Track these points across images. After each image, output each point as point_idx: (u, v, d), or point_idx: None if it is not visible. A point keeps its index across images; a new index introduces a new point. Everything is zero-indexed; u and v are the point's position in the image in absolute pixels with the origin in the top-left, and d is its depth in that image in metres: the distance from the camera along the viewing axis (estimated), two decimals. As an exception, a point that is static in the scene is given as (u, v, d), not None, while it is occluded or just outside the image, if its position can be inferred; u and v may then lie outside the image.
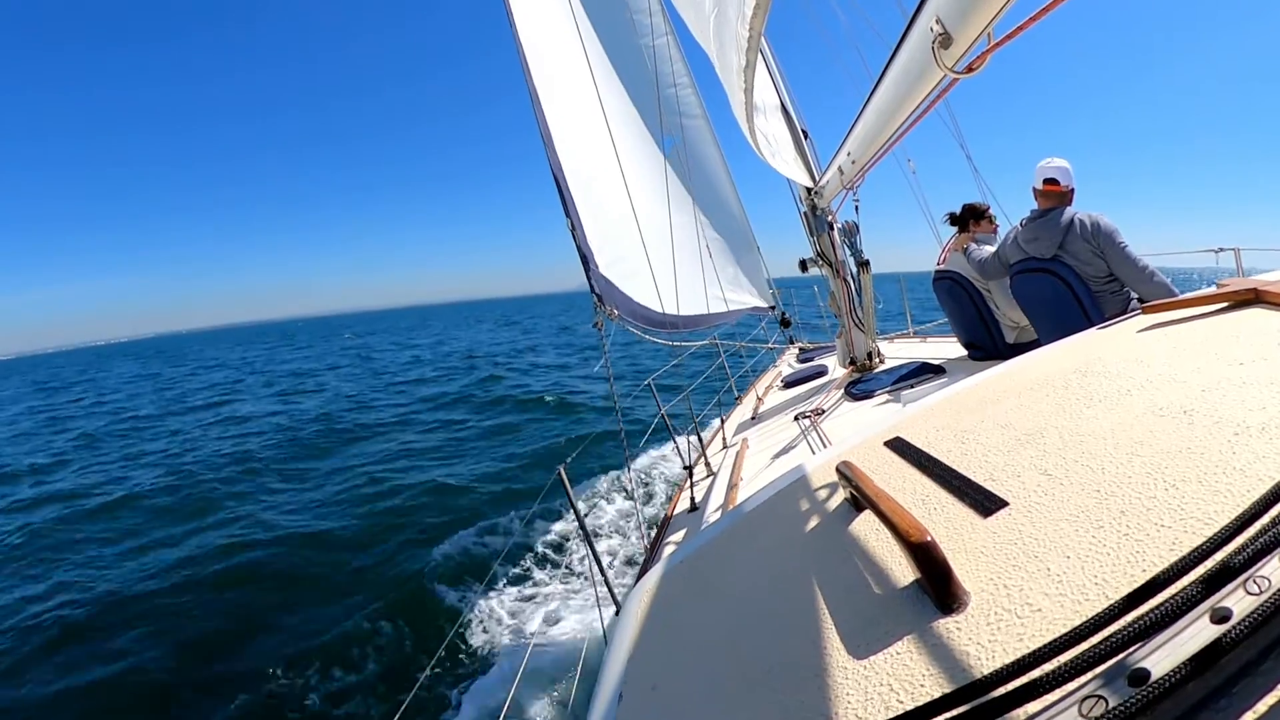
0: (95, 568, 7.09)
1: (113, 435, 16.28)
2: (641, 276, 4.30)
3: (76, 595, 6.35)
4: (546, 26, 4.28)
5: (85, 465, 12.80)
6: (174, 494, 9.65)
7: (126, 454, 13.45)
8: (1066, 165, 2.84)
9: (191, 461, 11.71)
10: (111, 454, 13.75)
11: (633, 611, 1.10)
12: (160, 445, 13.96)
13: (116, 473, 11.70)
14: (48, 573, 7.09)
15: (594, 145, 4.32)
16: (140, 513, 8.97)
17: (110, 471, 11.89)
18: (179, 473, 10.90)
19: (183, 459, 12.04)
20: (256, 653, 5.01)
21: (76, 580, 6.77)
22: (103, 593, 6.34)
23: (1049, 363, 1.31)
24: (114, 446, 14.63)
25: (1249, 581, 0.55)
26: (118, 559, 7.30)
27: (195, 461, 11.66)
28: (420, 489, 8.53)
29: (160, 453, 13.08)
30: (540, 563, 5.94)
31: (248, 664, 4.88)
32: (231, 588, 6.17)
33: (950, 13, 1.33)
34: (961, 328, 3.73)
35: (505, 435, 11.41)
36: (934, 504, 0.93)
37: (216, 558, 6.86)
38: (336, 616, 5.41)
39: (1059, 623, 0.62)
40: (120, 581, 6.58)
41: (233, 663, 4.93)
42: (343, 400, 17.80)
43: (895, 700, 0.63)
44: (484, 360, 24.34)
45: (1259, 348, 0.99)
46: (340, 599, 5.73)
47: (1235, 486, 0.69)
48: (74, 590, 6.50)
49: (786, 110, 4.28)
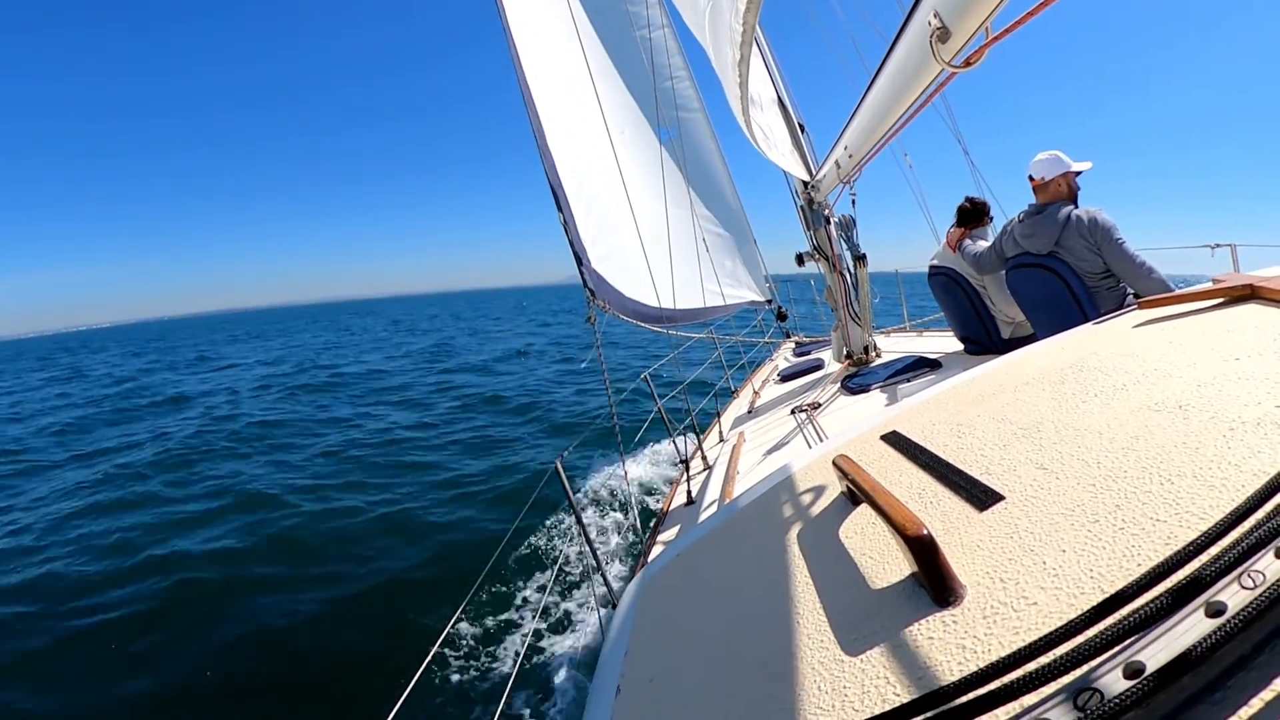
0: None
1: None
2: (637, 271, 4.29)
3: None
4: (539, 18, 4.25)
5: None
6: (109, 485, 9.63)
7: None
8: (1048, 157, 2.81)
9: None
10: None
11: (629, 606, 1.10)
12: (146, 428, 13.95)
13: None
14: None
15: (589, 139, 4.29)
16: (147, 510, 8.95)
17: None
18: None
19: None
20: (245, 649, 5.01)
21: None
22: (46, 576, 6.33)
23: (1045, 357, 1.31)
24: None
25: (1243, 576, 0.55)
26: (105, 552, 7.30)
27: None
28: (410, 482, 8.52)
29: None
30: (536, 557, 5.94)
31: (238, 661, 4.88)
32: (203, 578, 6.17)
33: (948, 7, 1.33)
34: (957, 322, 3.73)
35: (498, 428, 11.41)
36: (930, 498, 0.93)
37: (164, 556, 6.85)
38: (327, 612, 5.40)
39: (1055, 616, 0.62)
40: (91, 567, 6.57)
41: (222, 658, 4.93)
42: (320, 372, 17.64)
43: (892, 693, 0.64)
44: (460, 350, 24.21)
45: (1254, 343, 1.00)
46: (330, 594, 5.72)
47: (1230, 481, 0.69)
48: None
49: (783, 103, 4.26)
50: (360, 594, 5.66)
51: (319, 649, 4.91)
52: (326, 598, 5.75)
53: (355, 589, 5.84)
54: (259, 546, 6.95)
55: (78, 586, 6.26)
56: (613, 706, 0.88)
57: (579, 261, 3.92)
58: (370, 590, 5.71)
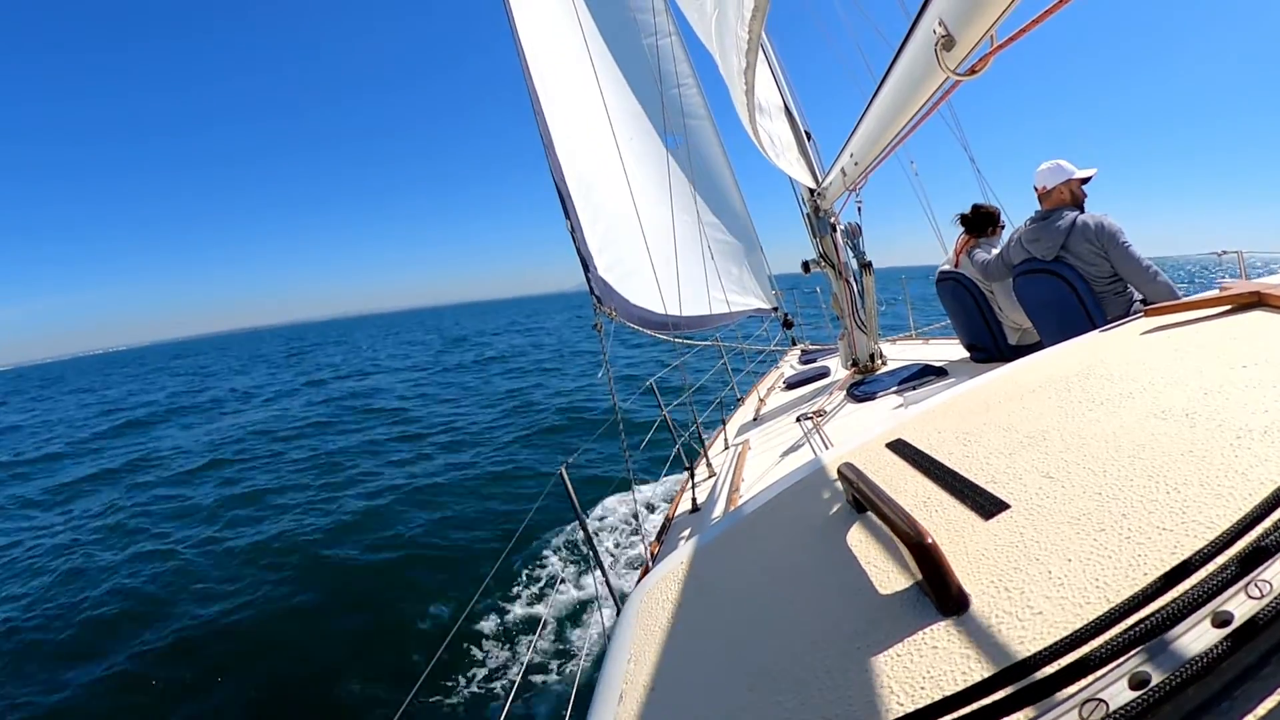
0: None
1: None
2: (643, 278, 4.30)
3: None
4: (547, 26, 4.28)
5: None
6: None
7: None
8: (1050, 166, 2.82)
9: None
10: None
11: (634, 612, 1.10)
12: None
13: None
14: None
15: (596, 146, 4.31)
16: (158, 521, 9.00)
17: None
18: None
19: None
20: (248, 652, 5.02)
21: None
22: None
23: (1051, 365, 1.30)
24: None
25: (1250, 585, 0.55)
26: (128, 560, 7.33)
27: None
28: (416, 489, 8.54)
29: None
30: (541, 564, 5.94)
31: (238, 662, 4.89)
32: (221, 583, 6.19)
33: (953, 15, 1.33)
34: (964, 329, 3.72)
35: (505, 434, 11.42)
36: (935, 506, 0.93)
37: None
38: (333, 618, 5.41)
39: (1060, 626, 0.61)
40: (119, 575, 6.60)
41: (223, 659, 4.94)
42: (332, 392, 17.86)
43: (896, 702, 0.63)
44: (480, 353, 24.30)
45: (1262, 351, 0.99)
46: (336, 599, 5.73)
47: (1237, 490, 0.68)
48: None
49: (789, 111, 4.27)
50: (361, 600, 5.67)
51: (322, 653, 4.92)
52: (322, 598, 5.77)
53: (353, 591, 5.85)
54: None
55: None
56: (616, 713, 0.88)
57: (586, 268, 3.93)
58: (370, 596, 5.73)
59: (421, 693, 4.03)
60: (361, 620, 5.28)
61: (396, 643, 4.98)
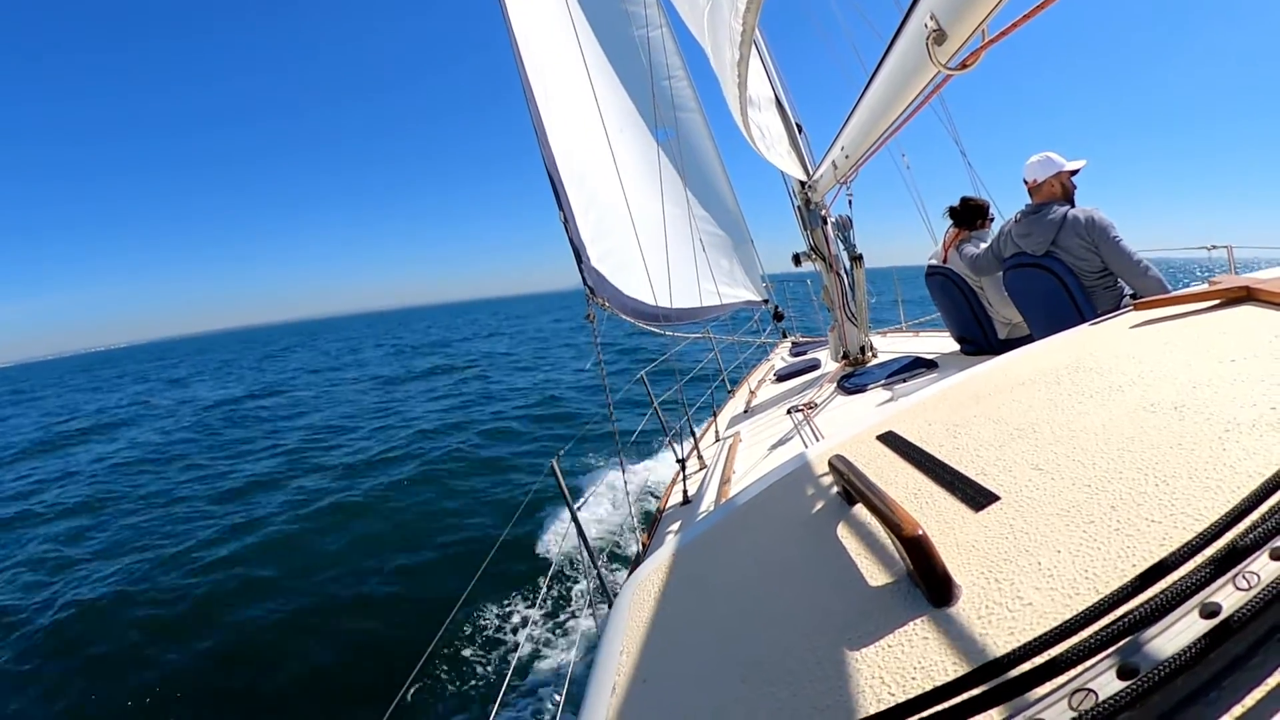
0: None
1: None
2: (634, 269, 4.29)
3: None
4: (540, 18, 4.24)
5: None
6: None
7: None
8: (1039, 159, 2.83)
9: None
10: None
11: (625, 605, 1.10)
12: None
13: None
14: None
15: (588, 138, 4.29)
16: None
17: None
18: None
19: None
20: (240, 650, 5.00)
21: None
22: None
23: (1041, 358, 1.31)
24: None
25: (1238, 577, 0.55)
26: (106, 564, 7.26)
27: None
28: (405, 484, 8.51)
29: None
30: (532, 557, 5.94)
31: (229, 663, 4.86)
32: (211, 587, 6.14)
33: (944, 9, 1.33)
34: (954, 323, 3.74)
35: (494, 429, 11.39)
36: (926, 498, 0.93)
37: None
38: (324, 615, 5.39)
39: (1050, 616, 0.62)
40: (102, 585, 6.55)
41: (215, 661, 4.91)
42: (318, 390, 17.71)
43: (886, 693, 0.64)
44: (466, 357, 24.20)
45: (1250, 345, 1.00)
46: (328, 597, 5.71)
47: (1226, 482, 0.69)
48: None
49: (781, 104, 4.26)
50: (350, 598, 5.65)
51: (315, 651, 4.90)
52: (323, 598, 5.74)
53: (344, 589, 5.83)
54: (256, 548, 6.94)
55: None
56: (608, 706, 0.88)
57: (578, 258, 3.91)
58: (359, 593, 5.71)
59: (413, 689, 4.03)
60: (347, 619, 5.27)
61: (383, 641, 4.97)
